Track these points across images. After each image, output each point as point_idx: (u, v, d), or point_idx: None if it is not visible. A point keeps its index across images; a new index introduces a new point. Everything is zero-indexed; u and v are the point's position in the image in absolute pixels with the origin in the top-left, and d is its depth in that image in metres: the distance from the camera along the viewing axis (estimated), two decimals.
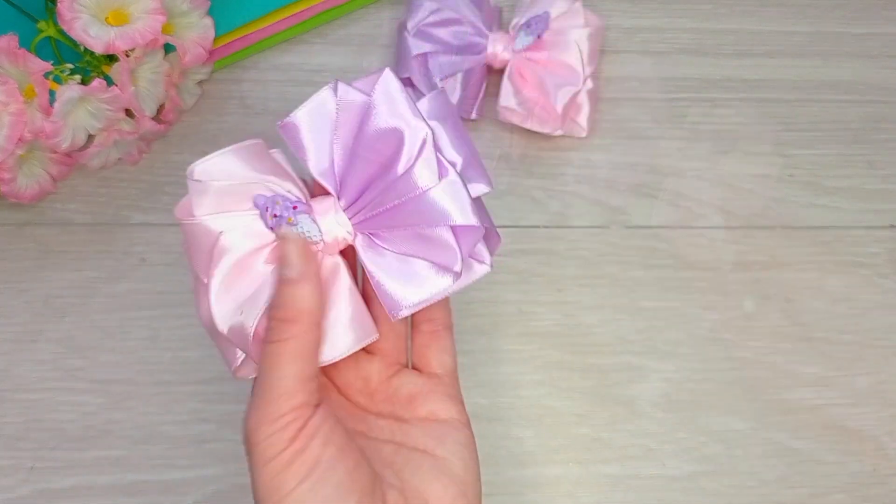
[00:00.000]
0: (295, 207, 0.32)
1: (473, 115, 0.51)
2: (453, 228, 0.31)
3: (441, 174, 0.31)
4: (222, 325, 0.31)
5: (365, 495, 0.29)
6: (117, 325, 0.47)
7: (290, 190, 0.33)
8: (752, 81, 0.54)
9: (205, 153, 0.51)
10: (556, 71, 0.49)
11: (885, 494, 0.47)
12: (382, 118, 0.31)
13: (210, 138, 0.51)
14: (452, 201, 0.31)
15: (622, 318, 0.49)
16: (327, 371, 0.35)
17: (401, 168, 0.31)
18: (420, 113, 0.32)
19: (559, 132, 0.50)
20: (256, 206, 0.32)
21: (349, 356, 0.33)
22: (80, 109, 0.44)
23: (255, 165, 0.32)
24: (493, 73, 0.52)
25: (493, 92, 0.52)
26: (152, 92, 0.47)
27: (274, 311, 0.30)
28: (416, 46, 0.50)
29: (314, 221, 0.32)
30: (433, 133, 0.31)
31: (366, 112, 0.32)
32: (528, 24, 0.50)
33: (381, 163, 0.32)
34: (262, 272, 0.32)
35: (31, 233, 0.49)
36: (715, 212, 0.51)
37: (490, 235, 0.34)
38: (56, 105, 0.43)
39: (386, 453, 0.33)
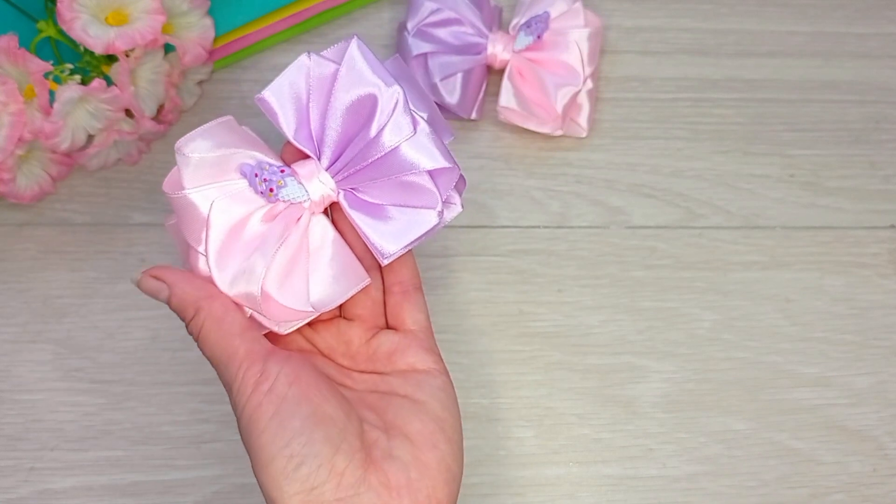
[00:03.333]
0: (282, 171, 0.35)
1: (473, 115, 0.51)
2: (431, 172, 0.35)
3: (413, 127, 0.34)
4: (227, 290, 0.34)
5: (335, 429, 0.33)
6: (117, 325, 0.47)
7: (268, 157, 0.36)
8: (752, 81, 0.54)
9: None
10: (556, 71, 0.49)
11: (885, 494, 0.47)
12: (354, 84, 0.34)
13: None
14: (426, 149, 0.34)
15: (622, 318, 0.49)
16: (310, 337, 0.38)
17: (375, 128, 0.34)
18: (389, 75, 0.35)
19: (559, 132, 0.50)
20: (243, 174, 0.35)
21: (330, 323, 0.38)
22: (79, 110, 0.44)
23: (234, 138, 0.35)
24: (493, 73, 0.52)
25: (493, 92, 0.52)
26: (152, 92, 0.47)
27: (183, 318, 0.35)
28: (416, 46, 0.49)
29: (300, 183, 0.35)
30: (404, 92, 0.34)
31: (338, 80, 0.35)
32: (528, 25, 0.50)
33: (356, 124, 0.35)
34: (254, 236, 0.34)
35: (30, 233, 0.49)
36: (715, 212, 0.51)
37: (460, 182, 0.37)
38: (56, 105, 0.43)
39: (369, 400, 0.36)
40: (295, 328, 0.37)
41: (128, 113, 0.47)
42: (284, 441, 0.32)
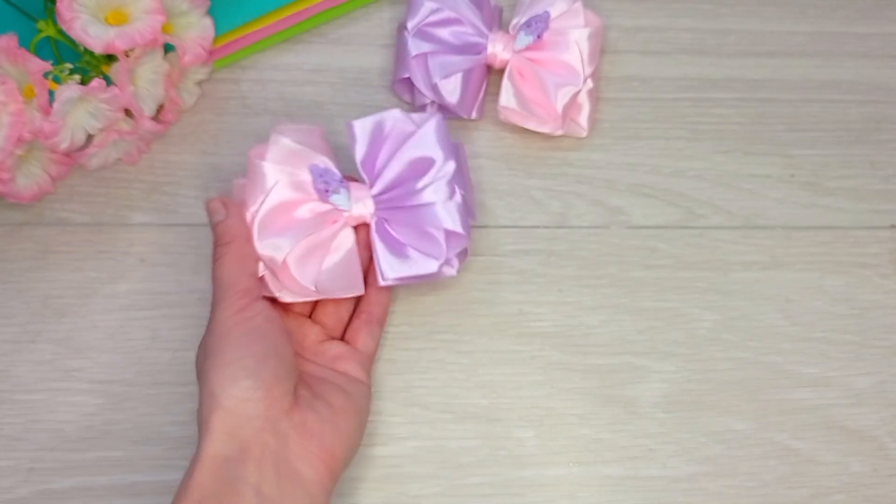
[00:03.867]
0: (341, 182, 0.43)
1: (473, 115, 0.51)
2: (446, 232, 0.43)
3: (450, 195, 0.43)
4: (260, 247, 0.42)
5: (283, 367, 0.40)
6: (117, 325, 0.47)
7: (335, 168, 0.44)
8: (753, 81, 0.54)
9: (204, 153, 0.52)
10: (556, 71, 0.49)
11: (886, 495, 0.47)
12: (422, 147, 0.44)
13: (209, 138, 0.51)
14: (451, 215, 0.43)
15: (622, 318, 0.49)
16: (280, 315, 0.44)
17: (422, 183, 0.43)
18: (451, 152, 0.44)
19: (559, 132, 0.50)
20: (312, 171, 0.43)
21: (299, 316, 0.45)
22: (79, 109, 0.44)
23: (318, 143, 0.44)
24: (493, 73, 0.52)
25: (493, 92, 0.52)
26: (152, 92, 0.47)
27: (217, 240, 0.42)
28: (416, 46, 0.49)
29: (349, 197, 0.43)
30: (455, 168, 0.44)
31: (412, 138, 0.44)
32: (528, 24, 0.50)
33: (410, 176, 0.44)
34: (294, 219, 0.42)
35: (29, 233, 0.49)
36: (715, 212, 0.51)
37: (463, 254, 0.46)
38: (55, 105, 0.43)
39: (305, 378, 0.42)
40: (292, 301, 0.44)
41: (127, 113, 0.47)
42: (244, 355, 0.39)
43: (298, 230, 0.42)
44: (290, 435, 0.39)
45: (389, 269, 0.44)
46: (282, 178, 0.42)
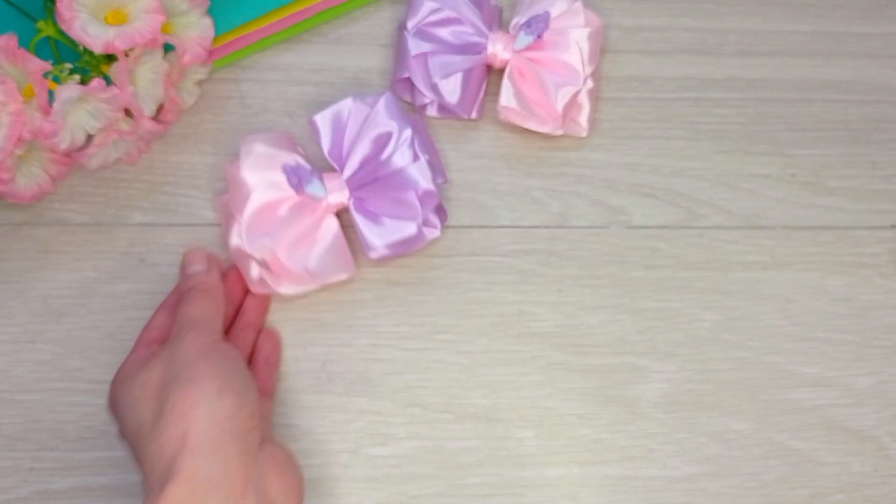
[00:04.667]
0: (313, 173, 0.45)
1: (473, 115, 0.51)
2: (418, 194, 0.46)
3: (414, 158, 0.46)
4: (251, 249, 0.44)
5: (256, 401, 0.39)
6: (116, 325, 0.47)
7: (304, 163, 0.46)
8: (753, 81, 0.54)
9: (204, 153, 0.52)
10: (556, 71, 0.49)
11: (886, 495, 0.47)
12: (379, 124, 0.46)
13: (209, 138, 0.51)
14: (420, 175, 0.46)
15: (623, 318, 0.49)
16: None
17: (386, 154, 0.46)
18: (406, 121, 0.47)
19: (559, 132, 0.50)
20: (284, 170, 0.45)
21: None
22: (79, 109, 0.44)
23: (286, 145, 0.47)
24: (493, 73, 0.52)
25: (493, 92, 0.51)
26: (151, 92, 0.47)
27: (194, 286, 0.44)
28: (416, 46, 0.49)
29: (323, 185, 0.45)
30: (412, 134, 0.46)
31: (368, 119, 0.46)
32: (528, 24, 0.50)
33: (374, 151, 0.46)
34: (279, 217, 0.45)
35: (29, 233, 0.49)
36: (715, 212, 0.51)
37: (441, 211, 0.49)
38: (55, 105, 0.43)
39: None
40: (290, 293, 0.46)
41: (127, 112, 0.47)
42: (228, 374, 0.38)
43: (282, 225, 0.45)
44: (267, 465, 0.38)
45: (374, 238, 0.46)
46: (259, 182, 0.45)
